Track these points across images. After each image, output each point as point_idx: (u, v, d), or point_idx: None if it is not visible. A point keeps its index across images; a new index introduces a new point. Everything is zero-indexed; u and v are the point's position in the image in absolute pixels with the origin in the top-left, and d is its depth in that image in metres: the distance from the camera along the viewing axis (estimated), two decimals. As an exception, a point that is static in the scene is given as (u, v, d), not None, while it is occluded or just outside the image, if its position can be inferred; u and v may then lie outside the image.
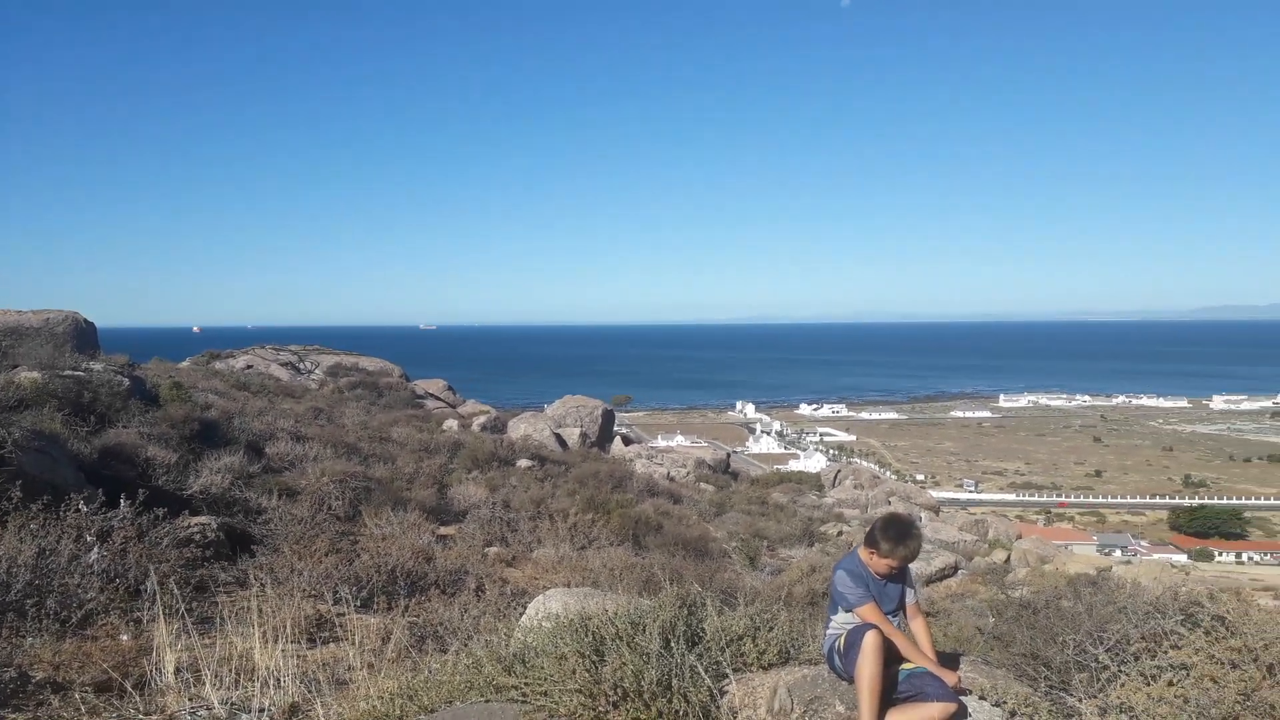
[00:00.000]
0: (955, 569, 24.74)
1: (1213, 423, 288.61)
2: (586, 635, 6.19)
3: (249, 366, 42.59)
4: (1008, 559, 32.32)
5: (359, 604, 9.87)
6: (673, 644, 6.05)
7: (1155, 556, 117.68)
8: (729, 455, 43.33)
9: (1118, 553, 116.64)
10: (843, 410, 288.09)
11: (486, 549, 16.53)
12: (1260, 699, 6.21)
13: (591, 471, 23.09)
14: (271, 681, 6.52)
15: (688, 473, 32.59)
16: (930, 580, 23.45)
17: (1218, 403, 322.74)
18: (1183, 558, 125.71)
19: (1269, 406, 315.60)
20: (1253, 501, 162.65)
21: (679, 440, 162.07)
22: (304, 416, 25.96)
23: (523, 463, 22.77)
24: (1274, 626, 7.12)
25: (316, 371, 45.79)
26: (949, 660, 6.46)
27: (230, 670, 6.64)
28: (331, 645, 8.45)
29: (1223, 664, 6.06)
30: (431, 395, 41.95)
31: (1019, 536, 42.74)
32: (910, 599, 6.28)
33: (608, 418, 35.51)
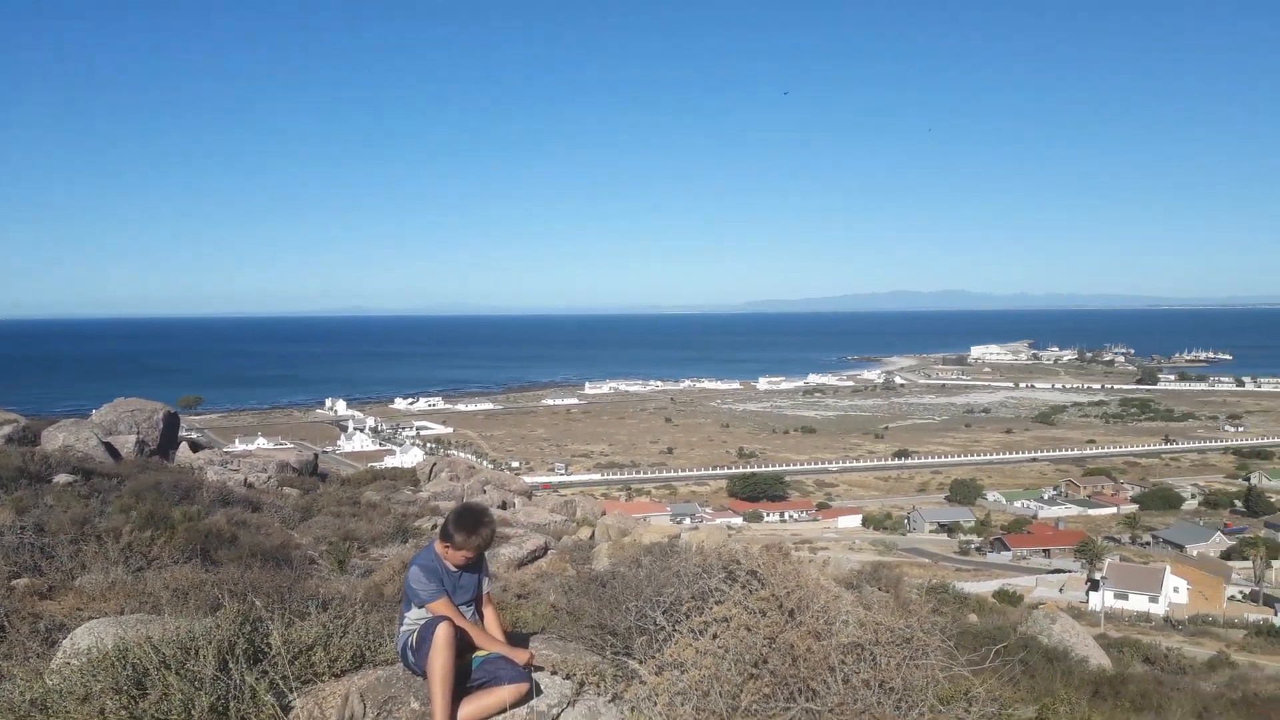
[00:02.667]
0: (546, 550, 25.80)
1: (759, 401, 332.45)
2: (125, 668, 5.46)
3: None
4: (592, 535, 34.49)
5: None
6: (231, 665, 5.56)
7: (717, 521, 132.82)
8: (317, 456, 41.00)
9: (687, 520, 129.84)
10: (439, 403, 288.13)
11: (14, 582, 14.06)
12: (784, 640, 7.24)
13: (151, 483, 20.59)
14: None
15: (269, 477, 30.39)
16: (523, 563, 24.23)
17: (763, 384, 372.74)
18: (739, 520, 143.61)
19: (801, 386, 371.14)
20: (790, 468, 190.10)
21: (260, 443, 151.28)
22: None
23: (62, 478, 19.69)
24: (795, 576, 8.46)
25: None
26: (519, 640, 6.66)
27: None
28: None
29: (755, 613, 6.92)
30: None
31: (603, 513, 45.84)
32: (486, 587, 6.36)
33: (171, 422, 31.86)
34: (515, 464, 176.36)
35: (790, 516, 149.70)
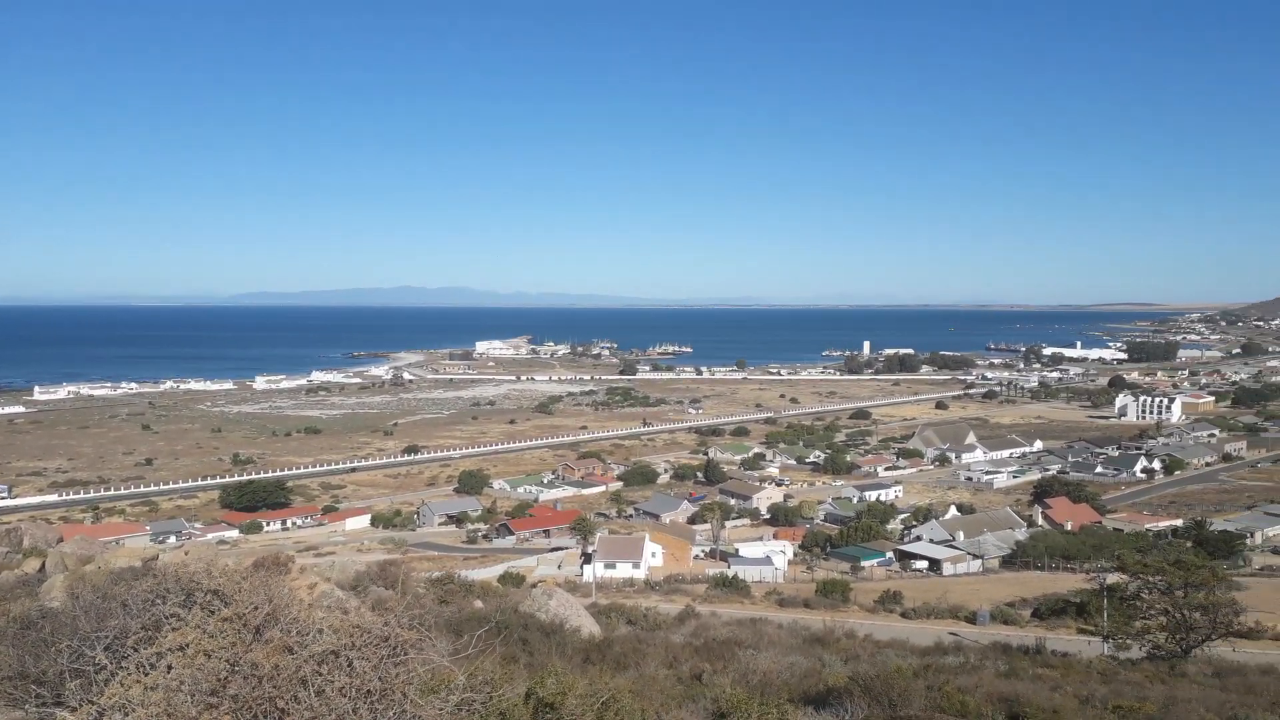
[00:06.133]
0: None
1: (257, 402, 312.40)
2: None
3: None
4: (42, 567, 29.24)
5: None
6: None
7: (209, 536, 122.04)
8: None
9: (172, 539, 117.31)
10: None
11: None
12: (249, 660, 6.54)
13: None
14: None
15: None
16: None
17: (260, 383, 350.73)
18: (234, 533, 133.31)
19: (304, 384, 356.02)
20: (293, 471, 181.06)
21: None
22: None
23: None
24: (265, 590, 7.76)
25: None
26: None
27: None
28: None
29: (216, 635, 6.13)
30: None
31: (60, 540, 39.25)
32: None
33: None
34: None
35: (294, 524, 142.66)
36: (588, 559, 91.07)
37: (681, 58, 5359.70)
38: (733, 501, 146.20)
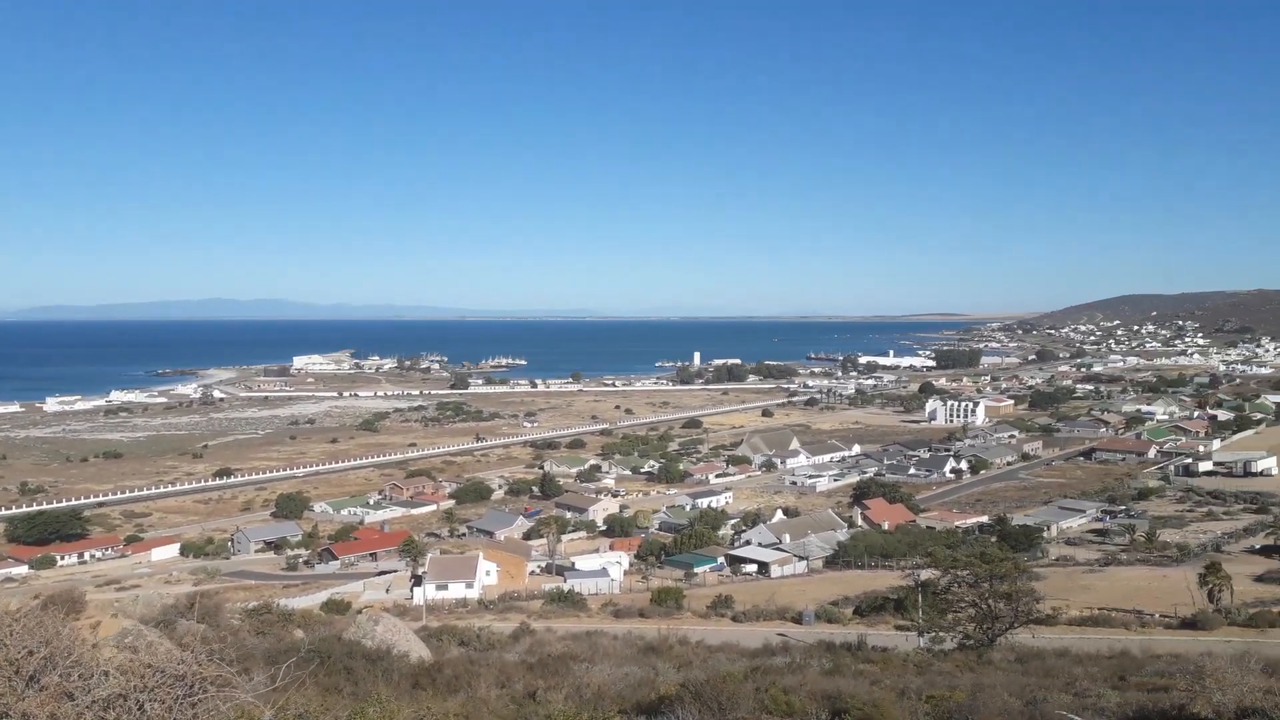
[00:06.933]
0: None
1: (48, 425, 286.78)
2: None
3: None
4: None
5: None
6: None
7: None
8: None
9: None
10: None
11: None
12: (19, 710, 5.80)
13: None
14: None
15: None
16: None
17: (52, 405, 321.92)
18: (23, 569, 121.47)
19: (103, 405, 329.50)
20: (91, 500, 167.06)
21: None
22: None
23: None
24: (40, 631, 6.92)
25: None
26: None
27: None
28: None
29: (-21, 686, 5.41)
30: None
31: None
32: None
33: None
34: None
35: (94, 556, 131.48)
36: (418, 581, 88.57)
37: (483, 61, 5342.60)
38: (569, 515, 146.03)
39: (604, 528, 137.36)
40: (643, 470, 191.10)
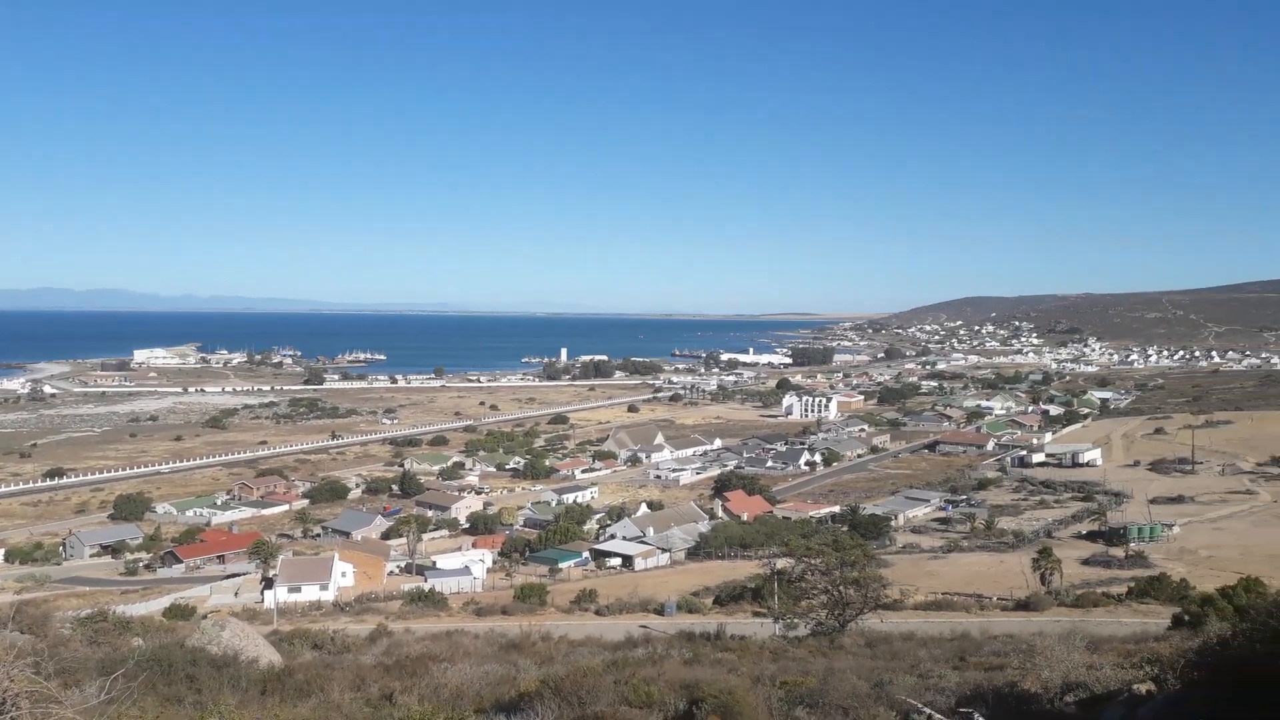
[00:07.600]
0: None
1: None
2: None
3: None
4: None
5: None
6: None
7: None
8: None
9: None
10: None
11: None
12: None
13: None
14: None
15: None
16: None
17: None
18: None
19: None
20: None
21: None
22: None
23: None
24: None
25: None
26: None
27: None
28: None
29: None
30: None
31: None
32: None
33: None
34: None
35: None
36: (269, 584, 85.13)
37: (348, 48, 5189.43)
38: (431, 513, 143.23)
39: (467, 525, 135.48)
40: (508, 467, 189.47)
